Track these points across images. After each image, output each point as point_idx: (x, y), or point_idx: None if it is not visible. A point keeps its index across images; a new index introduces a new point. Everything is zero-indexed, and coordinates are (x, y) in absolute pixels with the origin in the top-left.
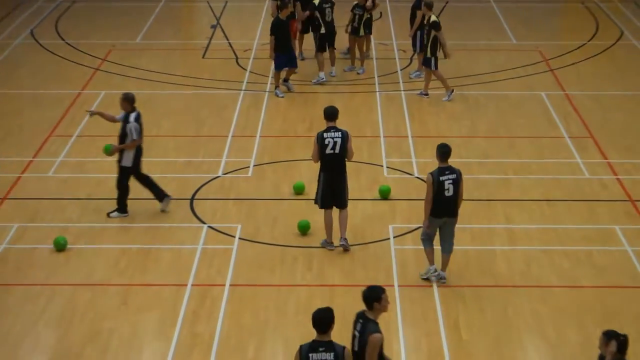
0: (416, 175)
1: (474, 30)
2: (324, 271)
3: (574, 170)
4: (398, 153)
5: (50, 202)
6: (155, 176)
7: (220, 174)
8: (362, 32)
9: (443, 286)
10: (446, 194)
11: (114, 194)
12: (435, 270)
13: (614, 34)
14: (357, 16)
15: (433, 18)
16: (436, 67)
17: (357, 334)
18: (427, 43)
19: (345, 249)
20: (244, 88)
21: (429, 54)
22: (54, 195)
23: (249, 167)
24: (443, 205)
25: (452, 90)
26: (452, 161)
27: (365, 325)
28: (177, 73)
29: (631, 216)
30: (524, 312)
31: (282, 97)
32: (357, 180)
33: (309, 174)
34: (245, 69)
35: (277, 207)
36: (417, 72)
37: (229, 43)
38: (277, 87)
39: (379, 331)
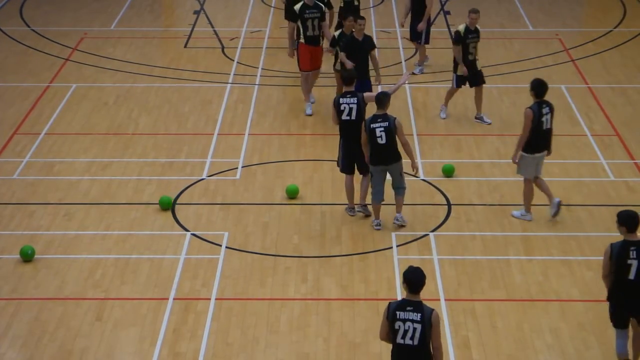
0: (422, 177)
1: (486, 16)
2: (320, 283)
3: (597, 172)
4: (402, 153)
5: (16, 207)
6: (132, 178)
7: (204, 176)
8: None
9: (451, 300)
10: None
11: (88, 198)
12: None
13: None
14: None
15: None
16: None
17: None
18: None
19: (366, 214)
20: (230, 81)
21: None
22: (20, 200)
23: (236, 168)
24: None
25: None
26: (462, 162)
27: None
28: (156, 64)
29: None
30: (541, 328)
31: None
32: (356, 182)
33: (303, 176)
34: (233, 60)
35: (268, 213)
36: (420, 68)
37: (214, 31)
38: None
39: None
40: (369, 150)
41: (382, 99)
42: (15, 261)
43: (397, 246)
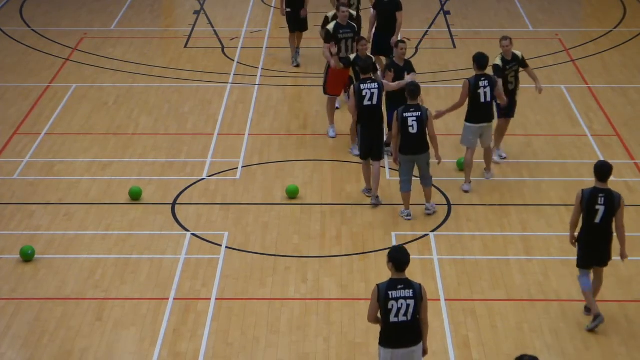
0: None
1: (486, 15)
2: (320, 283)
3: None
4: None
5: (16, 207)
6: (132, 178)
7: (204, 176)
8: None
9: (451, 300)
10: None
11: (88, 198)
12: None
13: None
14: None
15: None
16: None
17: None
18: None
19: (375, 204)
20: (230, 81)
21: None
22: (20, 200)
23: (236, 168)
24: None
25: None
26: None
27: None
28: (156, 64)
29: None
30: (541, 328)
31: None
32: (357, 182)
33: (303, 176)
34: (233, 60)
35: (268, 213)
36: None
37: (214, 31)
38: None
39: None
40: (400, 140)
41: (415, 90)
42: (15, 261)
43: None
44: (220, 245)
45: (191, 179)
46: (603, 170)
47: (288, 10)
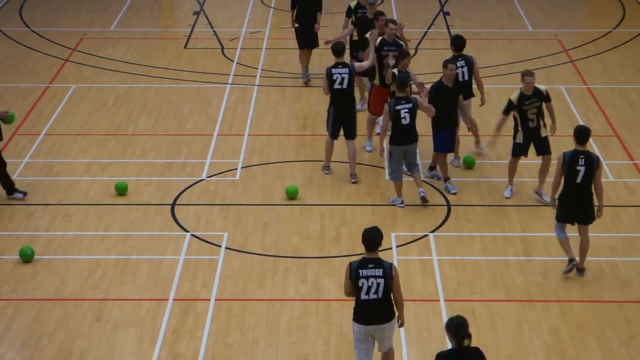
0: (422, 178)
1: (486, 17)
2: (320, 284)
3: None
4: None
5: (15, 208)
6: (132, 179)
7: (204, 176)
8: None
9: (451, 300)
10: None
11: (87, 198)
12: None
13: None
14: None
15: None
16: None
17: None
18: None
19: (354, 182)
20: (230, 81)
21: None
22: (20, 200)
23: (236, 169)
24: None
25: None
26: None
27: None
28: (156, 65)
29: None
30: (541, 329)
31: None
32: (356, 184)
33: (303, 176)
34: (232, 60)
35: (268, 214)
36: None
37: (214, 31)
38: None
39: None
40: (392, 131)
41: (404, 82)
42: (14, 262)
43: (397, 247)
44: (220, 246)
45: (191, 179)
46: (582, 134)
47: (296, 25)
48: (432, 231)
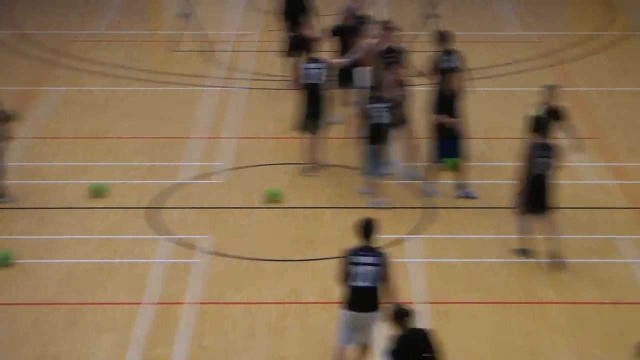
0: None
1: (474, 18)
2: (298, 287)
3: (581, 175)
4: None
5: None
6: (116, 182)
7: (186, 179)
8: None
9: (426, 303)
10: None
11: (68, 202)
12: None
13: (631, 24)
14: None
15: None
16: None
17: None
18: None
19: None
20: (218, 84)
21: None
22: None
23: (217, 172)
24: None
25: None
26: None
27: None
28: (144, 67)
29: (638, 225)
30: (518, 331)
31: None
32: (338, 186)
33: (285, 179)
34: (221, 63)
35: (249, 217)
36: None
37: (204, 34)
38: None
39: None
40: (368, 131)
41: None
42: None
43: None
44: (200, 249)
45: (170, 182)
46: (542, 125)
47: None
48: (410, 233)
